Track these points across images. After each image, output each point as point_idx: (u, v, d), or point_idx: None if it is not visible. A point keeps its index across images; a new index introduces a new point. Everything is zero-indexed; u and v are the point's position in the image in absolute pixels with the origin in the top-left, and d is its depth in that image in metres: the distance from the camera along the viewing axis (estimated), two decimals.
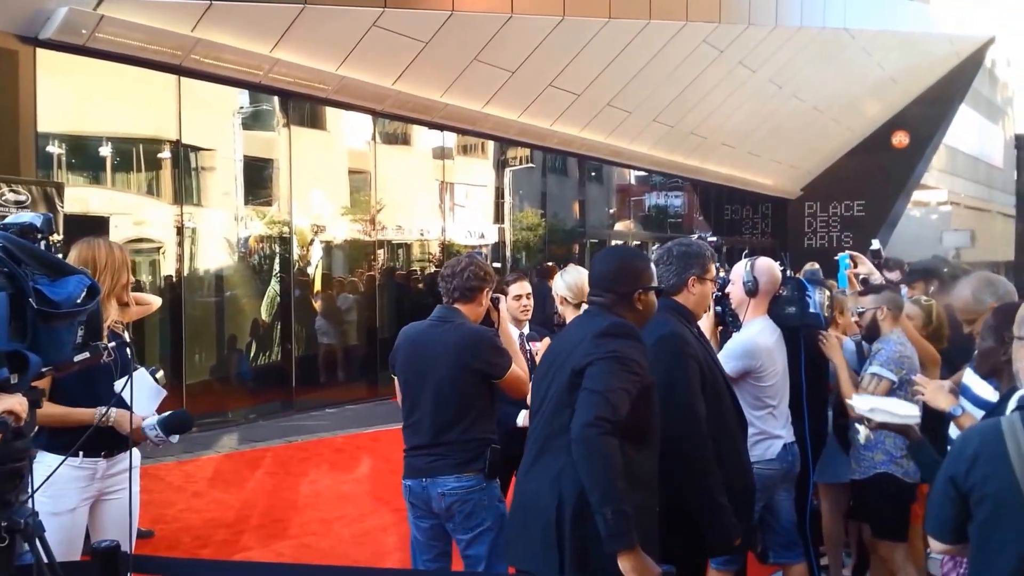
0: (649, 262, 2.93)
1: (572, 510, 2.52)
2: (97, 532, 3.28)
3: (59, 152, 8.90)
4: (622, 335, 2.64)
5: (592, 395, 2.47)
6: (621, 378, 2.51)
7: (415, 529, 3.77)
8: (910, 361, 4.26)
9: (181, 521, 6.22)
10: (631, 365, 2.56)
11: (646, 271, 2.85)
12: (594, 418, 2.41)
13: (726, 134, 18.05)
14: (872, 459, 4.21)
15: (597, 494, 2.36)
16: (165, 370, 9.65)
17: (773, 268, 4.09)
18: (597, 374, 2.52)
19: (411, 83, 11.40)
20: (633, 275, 2.80)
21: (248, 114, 11.12)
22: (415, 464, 3.65)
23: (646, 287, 2.79)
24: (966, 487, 2.20)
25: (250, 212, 11.07)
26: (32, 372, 1.83)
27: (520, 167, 16.50)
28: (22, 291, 1.81)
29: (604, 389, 2.47)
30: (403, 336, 3.82)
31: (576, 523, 2.52)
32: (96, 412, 3.03)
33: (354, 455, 8.65)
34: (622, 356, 2.56)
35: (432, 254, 14.18)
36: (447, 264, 3.83)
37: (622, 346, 2.59)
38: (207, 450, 8.63)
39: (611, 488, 2.35)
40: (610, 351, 2.57)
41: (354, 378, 12.33)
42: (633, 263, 2.88)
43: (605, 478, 2.36)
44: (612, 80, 13.71)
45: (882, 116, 22.28)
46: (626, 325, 2.70)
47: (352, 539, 5.92)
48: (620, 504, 2.33)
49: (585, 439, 2.41)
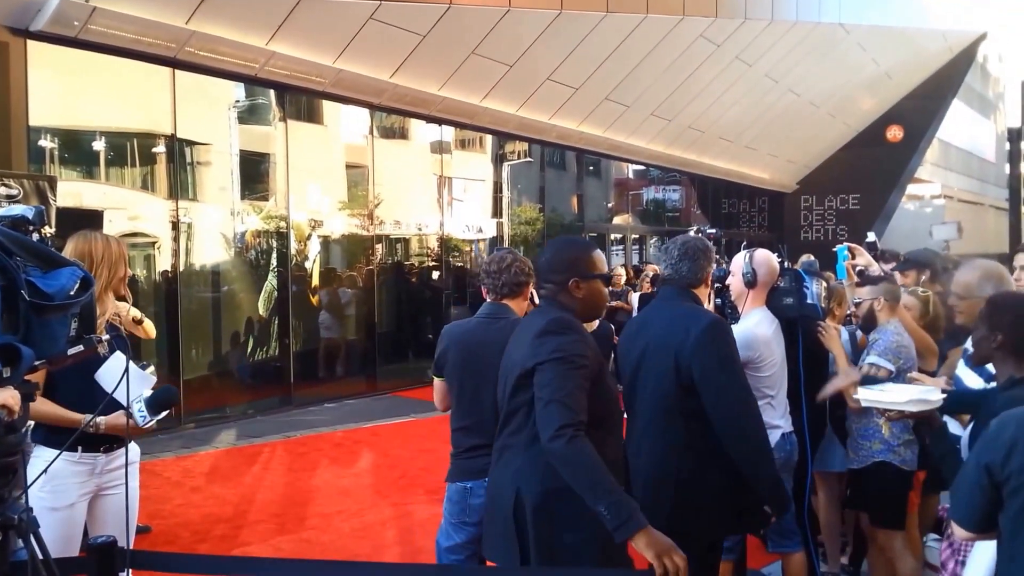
0: (590, 250, 2.84)
1: (532, 504, 2.59)
2: (96, 527, 3.26)
3: (51, 146, 8.84)
4: (560, 331, 2.62)
5: (549, 406, 2.47)
6: (570, 377, 2.51)
7: (456, 532, 3.66)
8: (907, 351, 4.26)
9: (179, 516, 6.20)
10: (576, 360, 2.54)
11: (583, 259, 2.79)
12: (558, 428, 2.41)
13: (723, 128, 18.07)
14: (870, 448, 4.24)
15: (588, 495, 2.38)
16: (162, 366, 9.64)
17: (771, 260, 4.11)
18: (547, 381, 2.52)
19: (408, 76, 11.36)
20: (567, 263, 2.77)
21: (244, 108, 11.06)
22: (476, 465, 3.48)
23: (584, 275, 2.75)
24: (1002, 475, 2.14)
25: (246, 207, 11.02)
26: (25, 365, 1.80)
27: (518, 161, 16.48)
28: (14, 283, 1.78)
29: (559, 397, 2.47)
30: (450, 337, 3.75)
31: (537, 516, 2.58)
32: (84, 418, 2.99)
33: (353, 450, 8.63)
34: (566, 355, 2.54)
35: (430, 249, 14.16)
36: (490, 260, 3.79)
37: (563, 343, 2.57)
38: (205, 446, 8.62)
39: (597, 485, 2.37)
40: (553, 352, 2.55)
41: (353, 373, 12.31)
42: (568, 251, 2.84)
43: (588, 479, 2.38)
44: (610, 74, 13.69)
45: (877, 110, 22.34)
46: (563, 320, 2.67)
47: (352, 533, 5.90)
48: (612, 496, 2.35)
49: (557, 452, 2.43)
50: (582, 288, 2.74)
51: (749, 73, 16.17)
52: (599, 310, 2.87)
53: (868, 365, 4.24)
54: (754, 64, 15.89)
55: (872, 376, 4.07)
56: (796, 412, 4.12)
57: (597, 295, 2.80)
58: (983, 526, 2.24)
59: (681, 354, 3.18)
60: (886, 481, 4.17)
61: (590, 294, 2.76)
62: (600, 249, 2.91)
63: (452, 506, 3.65)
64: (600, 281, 2.80)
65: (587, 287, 2.75)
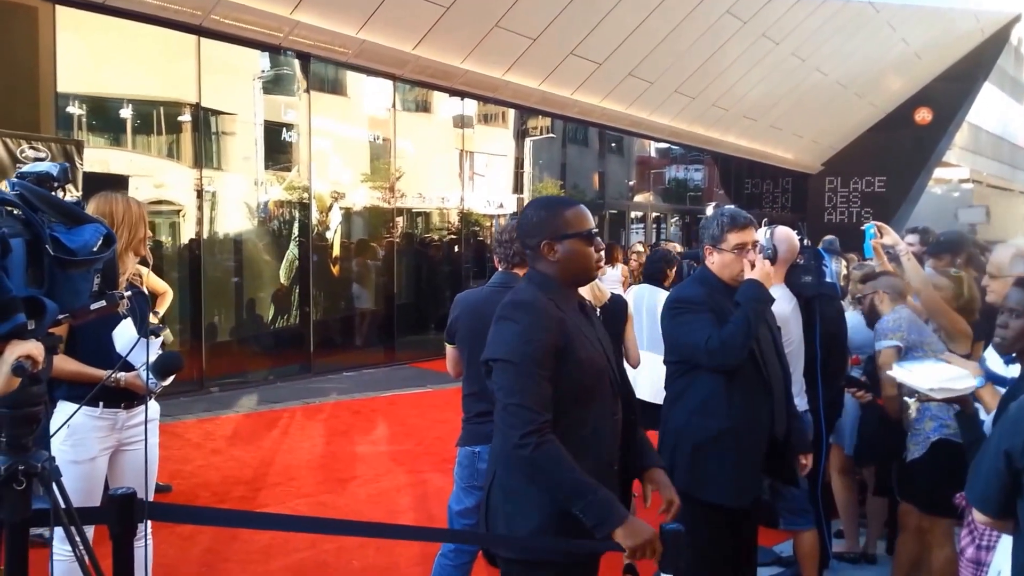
0: (563, 208, 2.53)
1: (501, 488, 2.50)
2: (116, 481, 3.35)
3: (79, 112, 8.95)
4: (512, 316, 2.43)
5: (507, 409, 2.34)
6: (523, 375, 2.34)
7: (466, 496, 3.71)
8: (909, 322, 4.19)
9: (199, 477, 6.33)
10: (529, 355, 2.35)
11: (554, 218, 2.50)
12: (521, 437, 2.29)
13: (748, 107, 17.90)
14: (924, 430, 4.03)
15: (561, 498, 2.32)
16: (185, 331, 9.76)
17: (792, 237, 4.10)
18: (501, 383, 2.38)
19: (431, 48, 11.36)
20: (537, 225, 2.52)
21: (269, 78, 11.12)
22: (484, 430, 3.41)
23: (556, 236, 2.47)
24: (1022, 463, 2.09)
25: (270, 177, 11.10)
26: (49, 318, 1.84)
27: (540, 137, 16.45)
28: (39, 238, 1.82)
29: (515, 400, 2.33)
30: (462, 305, 3.77)
31: (504, 499, 2.49)
32: (104, 374, 3.06)
33: (370, 418, 8.73)
34: (515, 352, 2.37)
35: (451, 222, 14.21)
36: (502, 229, 3.80)
37: (513, 335, 2.39)
38: (226, 410, 8.75)
39: (567, 488, 2.29)
40: (504, 350, 2.39)
41: (372, 343, 12.41)
42: (538, 211, 2.56)
43: (557, 483, 2.31)
44: (634, 50, 13.60)
45: (905, 92, 22.00)
46: (517, 301, 2.46)
47: (367, 499, 6.00)
48: (584, 498, 2.27)
49: (522, 461, 2.34)
50: (556, 250, 2.47)
51: (776, 51, 15.99)
52: (586, 273, 2.56)
53: (879, 351, 4.21)
54: (781, 42, 15.71)
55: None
56: (812, 391, 4.13)
57: (578, 256, 2.49)
58: (1002, 512, 2.21)
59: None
60: (943, 465, 3.86)
61: (567, 256, 2.48)
62: (585, 207, 2.58)
63: (462, 470, 3.72)
64: (581, 240, 2.48)
65: (563, 248, 2.48)
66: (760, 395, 3.30)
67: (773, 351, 3.41)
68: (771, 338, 3.41)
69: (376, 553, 4.97)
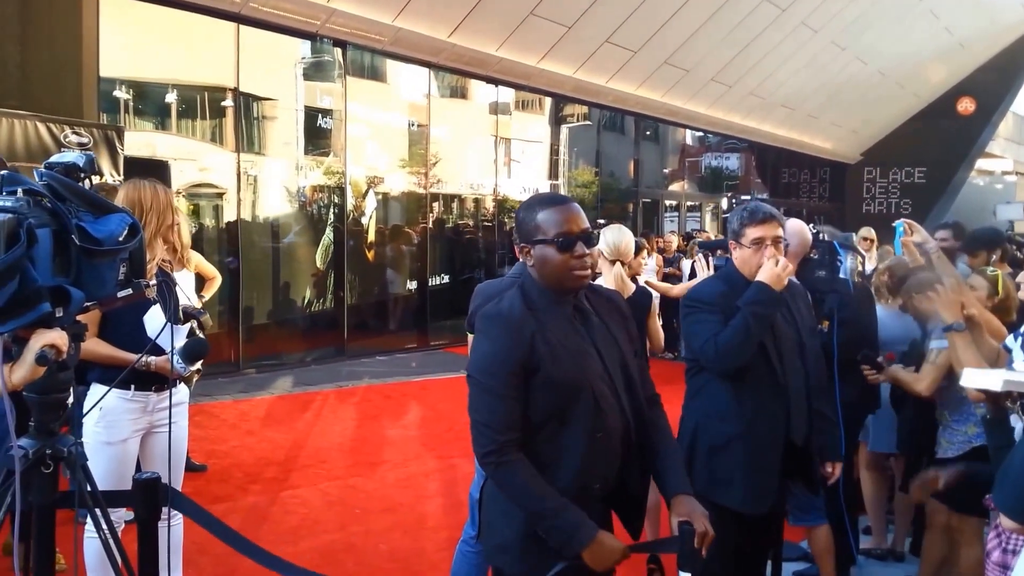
0: (537, 208, 2.35)
1: (488, 492, 2.48)
2: (147, 463, 3.43)
3: (121, 97, 9.10)
4: (483, 328, 2.36)
5: (473, 426, 2.32)
6: (487, 391, 2.28)
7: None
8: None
9: (233, 457, 6.44)
10: (487, 370, 2.29)
11: (526, 221, 2.35)
12: (481, 456, 2.28)
13: (786, 95, 17.68)
14: (965, 433, 3.93)
15: (527, 516, 2.28)
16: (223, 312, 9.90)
17: (803, 230, 4.02)
18: (471, 397, 2.35)
19: (466, 36, 11.37)
20: (517, 227, 2.42)
21: (308, 64, 11.22)
22: None
23: (527, 240, 2.33)
24: None
25: (308, 162, 11.22)
26: (75, 307, 1.89)
27: (576, 124, 16.41)
28: (65, 228, 1.87)
29: (478, 418, 2.30)
30: (482, 295, 3.78)
31: (488, 504, 2.47)
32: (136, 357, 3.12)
33: (402, 402, 8.82)
34: (477, 366, 2.33)
35: (485, 209, 14.25)
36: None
37: (479, 350, 2.35)
38: (261, 391, 8.89)
39: (530, 508, 2.25)
40: (471, 365, 2.37)
41: (405, 327, 12.51)
42: (521, 214, 2.41)
43: (522, 503, 2.27)
44: (670, 37, 13.50)
45: (948, 82, 21.60)
46: (488, 315, 2.37)
47: (396, 483, 6.07)
48: (546, 518, 2.22)
49: (490, 476, 2.34)
50: (532, 255, 2.33)
51: (815, 39, 15.78)
52: (562, 281, 2.33)
53: (934, 352, 4.05)
54: (820, 30, 15.50)
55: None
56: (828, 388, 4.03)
57: (547, 263, 2.31)
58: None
59: None
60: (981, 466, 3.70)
61: (539, 262, 2.32)
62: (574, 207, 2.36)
63: None
64: (550, 246, 2.28)
65: (536, 253, 2.32)
66: (775, 398, 3.19)
67: (796, 352, 3.26)
68: (796, 338, 3.28)
69: (403, 537, 5.04)
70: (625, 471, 2.41)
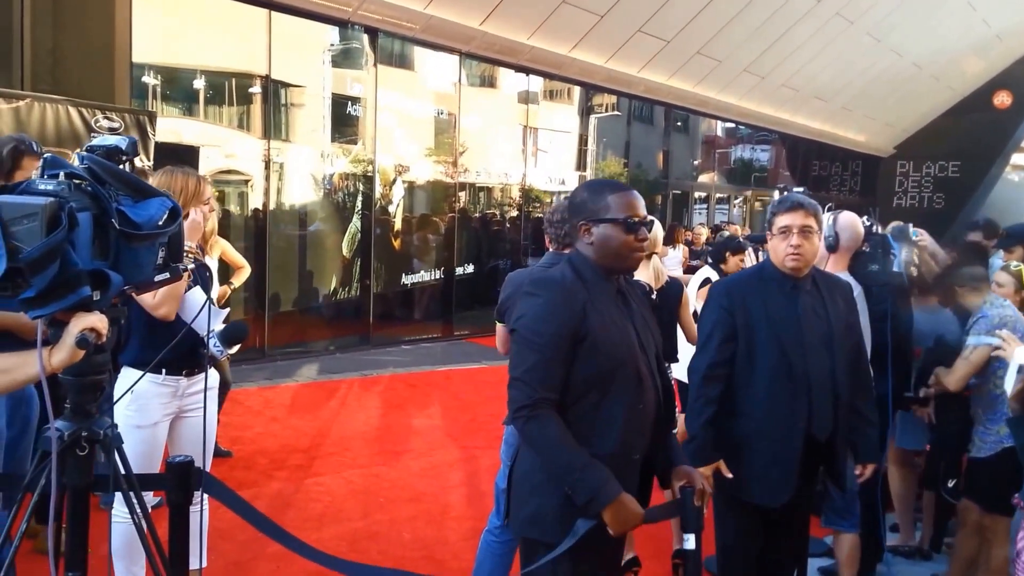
0: (607, 191, 2.52)
1: (520, 464, 2.55)
2: (175, 447, 3.45)
3: (152, 82, 9.14)
4: (534, 291, 2.45)
5: (514, 383, 2.38)
6: (531, 349, 2.37)
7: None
8: (1013, 320, 3.98)
9: (258, 444, 6.47)
10: (539, 330, 2.37)
11: (596, 200, 2.50)
12: (515, 410, 2.34)
13: (819, 87, 17.51)
14: (998, 433, 3.94)
15: (553, 475, 2.34)
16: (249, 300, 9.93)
17: (856, 224, 3.96)
18: (513, 353, 2.43)
19: (498, 24, 11.33)
20: (577, 205, 2.54)
21: (337, 52, 11.22)
22: None
23: (592, 218, 2.47)
24: None
25: (336, 149, 11.23)
26: (113, 291, 1.87)
27: (605, 115, 16.32)
28: (105, 212, 1.86)
29: (517, 374, 2.37)
30: (513, 285, 3.77)
31: (520, 476, 2.54)
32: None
33: (426, 392, 8.83)
34: (526, 325, 2.40)
35: (512, 199, 14.21)
36: (552, 209, 3.78)
37: (529, 309, 2.42)
38: (286, 379, 8.93)
39: (558, 463, 2.32)
40: (516, 321, 2.44)
41: (431, 317, 12.52)
42: (581, 193, 2.59)
43: (549, 459, 2.34)
44: (703, 27, 13.38)
45: (984, 75, 21.24)
46: (541, 279, 2.48)
47: (420, 472, 6.07)
48: (573, 474, 2.28)
49: (519, 432, 2.42)
50: (592, 233, 2.47)
51: (849, 31, 15.59)
52: (618, 260, 2.49)
53: (970, 348, 4.02)
54: (855, 21, 15.31)
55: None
56: (881, 382, 3.92)
57: (610, 242, 2.45)
58: None
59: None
60: (1012, 467, 3.75)
61: (600, 241, 2.46)
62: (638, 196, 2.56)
63: (508, 448, 3.73)
64: (618, 227, 2.45)
65: (598, 232, 2.46)
66: (793, 392, 3.12)
67: (823, 346, 3.19)
68: (825, 332, 3.20)
69: (427, 526, 5.04)
70: (652, 445, 2.53)
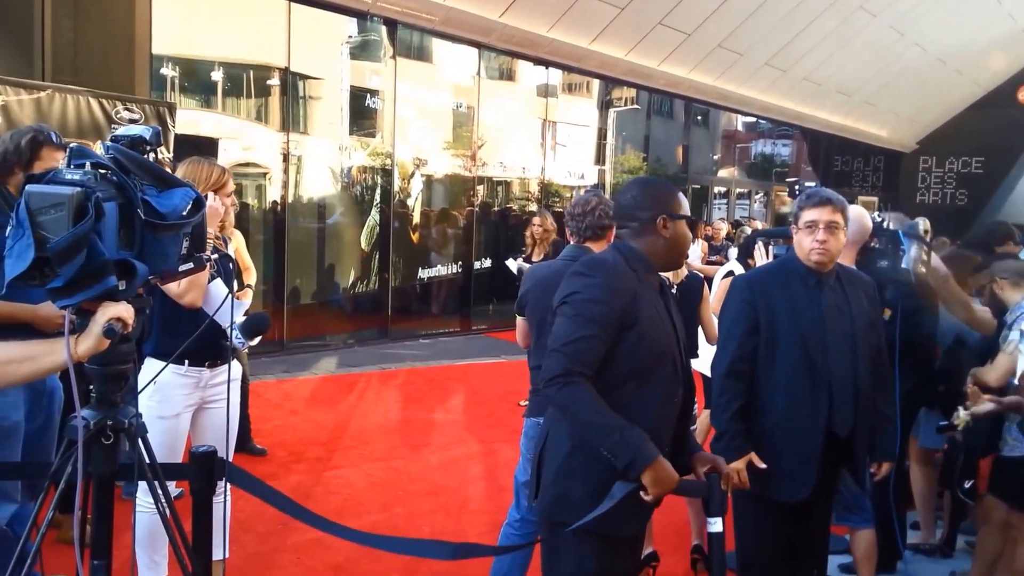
0: (676, 190, 2.66)
1: (550, 449, 2.57)
2: (197, 438, 3.45)
3: (172, 74, 9.17)
4: (588, 272, 2.48)
5: (552, 355, 2.39)
6: (579, 324, 2.38)
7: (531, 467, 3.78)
8: None
9: (276, 436, 6.48)
10: (588, 307, 2.40)
11: (672, 198, 2.59)
12: (551, 378, 2.35)
13: (841, 81, 17.34)
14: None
15: (590, 439, 2.37)
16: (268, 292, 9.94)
17: (863, 217, 3.92)
18: (556, 327, 2.45)
19: (517, 17, 11.28)
20: (656, 200, 2.57)
21: (356, 44, 11.22)
22: None
23: (672, 214, 2.55)
24: None
25: (354, 142, 11.23)
26: (139, 280, 1.89)
27: (624, 108, 16.27)
28: (131, 202, 1.86)
29: (558, 346, 2.38)
30: (533, 279, 3.77)
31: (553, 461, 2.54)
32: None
33: (445, 385, 8.83)
34: (577, 300, 2.42)
35: (531, 192, 14.18)
36: (574, 202, 3.77)
37: (582, 286, 2.44)
38: (305, 371, 8.94)
39: (596, 427, 2.33)
40: (566, 296, 2.45)
41: (449, 311, 12.52)
42: (655, 188, 2.66)
43: (584, 424, 2.36)
44: (724, 20, 13.27)
45: (1009, 70, 20.94)
46: (595, 262, 2.57)
47: (439, 466, 6.07)
48: (612, 435, 2.30)
49: (553, 401, 2.44)
50: (669, 228, 2.55)
51: (872, 24, 15.43)
52: (682, 256, 2.67)
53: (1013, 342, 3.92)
54: (879, 15, 15.15)
55: None
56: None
57: (683, 238, 2.59)
58: None
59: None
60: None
61: (676, 235, 2.56)
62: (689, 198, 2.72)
63: (528, 441, 3.72)
64: (686, 224, 2.60)
65: (674, 226, 2.56)
66: (814, 388, 3.12)
67: (846, 342, 3.18)
68: (848, 328, 3.19)
69: (446, 519, 5.04)
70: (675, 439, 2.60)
